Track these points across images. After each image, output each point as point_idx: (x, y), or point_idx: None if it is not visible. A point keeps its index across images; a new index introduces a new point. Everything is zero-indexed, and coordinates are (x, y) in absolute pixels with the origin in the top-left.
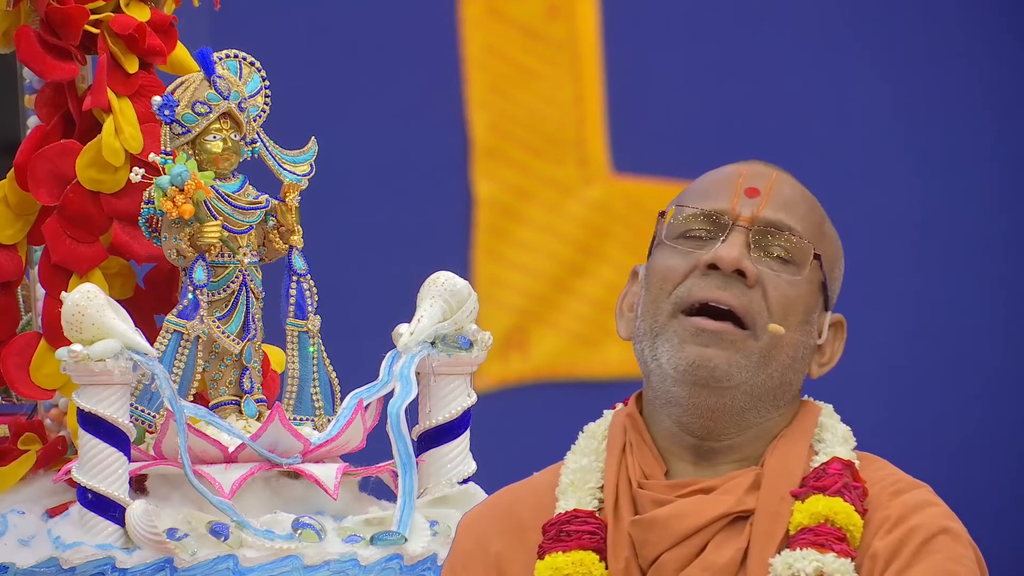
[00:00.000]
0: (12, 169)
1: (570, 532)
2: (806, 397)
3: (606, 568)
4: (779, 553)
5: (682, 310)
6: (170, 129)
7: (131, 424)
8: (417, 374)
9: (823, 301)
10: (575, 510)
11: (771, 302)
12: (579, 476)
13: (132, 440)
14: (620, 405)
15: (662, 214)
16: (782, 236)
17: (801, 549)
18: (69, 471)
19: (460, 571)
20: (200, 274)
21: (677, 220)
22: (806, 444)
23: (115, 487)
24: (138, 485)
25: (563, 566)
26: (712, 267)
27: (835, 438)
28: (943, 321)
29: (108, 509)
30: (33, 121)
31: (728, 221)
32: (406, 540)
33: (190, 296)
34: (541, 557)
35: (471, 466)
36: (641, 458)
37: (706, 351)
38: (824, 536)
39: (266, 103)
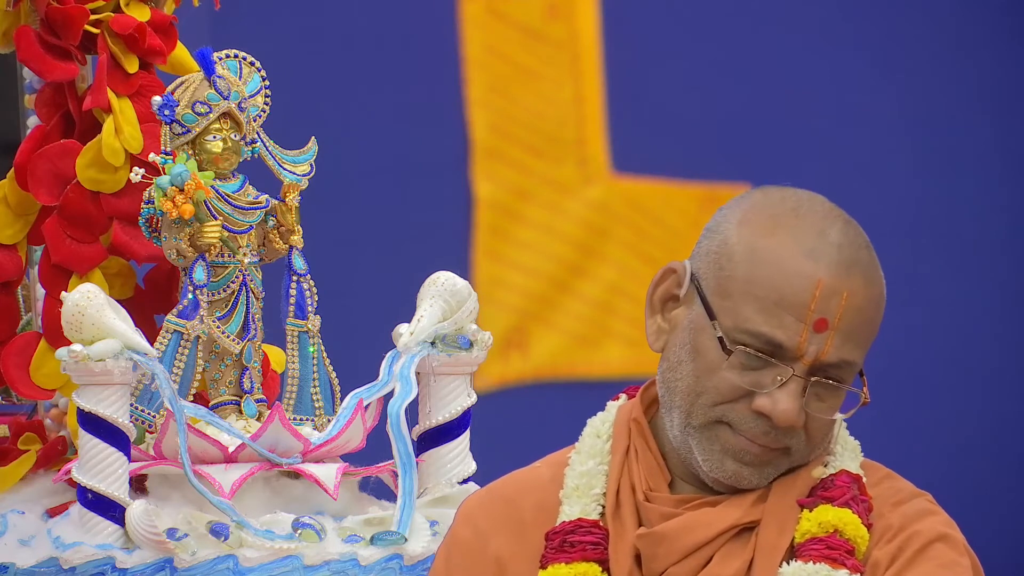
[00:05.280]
0: (12, 169)
1: (573, 543)
2: None
3: None
4: (787, 563)
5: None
6: (170, 129)
7: (131, 424)
8: (417, 374)
9: None
10: (579, 519)
11: (812, 436)
12: (584, 481)
13: (132, 440)
14: (623, 396)
15: (722, 287)
16: (839, 375)
17: (814, 563)
18: (69, 471)
19: (456, 559)
20: (200, 274)
21: (738, 323)
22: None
23: (115, 487)
24: (138, 485)
25: None
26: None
27: (845, 451)
28: (943, 321)
29: (108, 509)
30: (33, 121)
31: (792, 357)
32: (406, 540)
33: (190, 296)
34: (544, 567)
35: (471, 466)
36: (646, 468)
37: (744, 470)
38: (837, 550)
39: (266, 103)
